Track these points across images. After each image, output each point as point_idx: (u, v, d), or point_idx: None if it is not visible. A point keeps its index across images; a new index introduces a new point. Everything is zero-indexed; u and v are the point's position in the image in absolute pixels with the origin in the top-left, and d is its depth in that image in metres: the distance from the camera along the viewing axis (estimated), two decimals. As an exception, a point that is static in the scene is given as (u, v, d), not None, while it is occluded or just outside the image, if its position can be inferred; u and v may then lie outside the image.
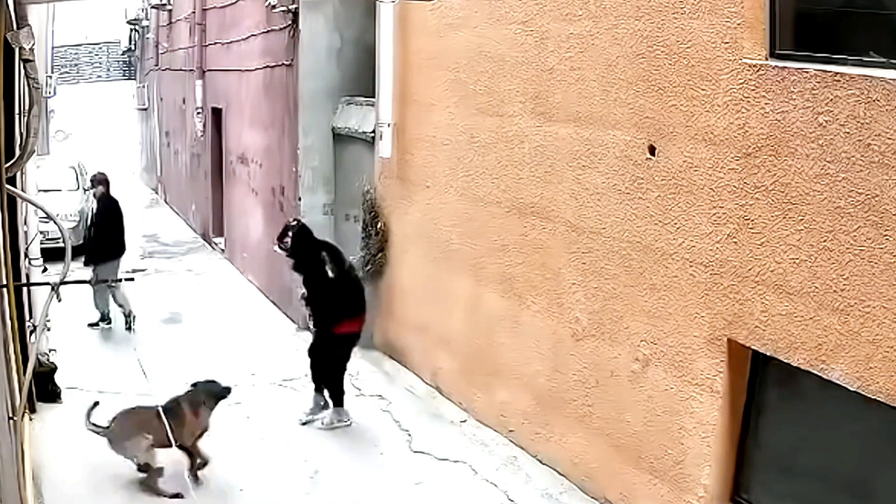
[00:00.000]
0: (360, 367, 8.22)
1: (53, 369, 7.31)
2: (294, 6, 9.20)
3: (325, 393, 7.03)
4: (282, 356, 8.69)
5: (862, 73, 3.70)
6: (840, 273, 3.84)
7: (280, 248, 6.94)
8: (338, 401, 6.97)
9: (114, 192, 9.88)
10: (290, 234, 6.89)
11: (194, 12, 14.10)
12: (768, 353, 4.29)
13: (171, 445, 5.75)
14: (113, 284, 8.91)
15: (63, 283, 4.44)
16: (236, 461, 6.29)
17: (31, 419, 6.53)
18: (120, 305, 9.55)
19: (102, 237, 9.39)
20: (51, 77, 15.47)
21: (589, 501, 5.59)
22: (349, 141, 8.95)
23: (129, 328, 9.56)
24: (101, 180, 9.70)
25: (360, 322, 7.04)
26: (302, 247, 6.87)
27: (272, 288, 10.78)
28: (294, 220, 7.37)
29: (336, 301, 6.82)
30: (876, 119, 3.63)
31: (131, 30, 23.07)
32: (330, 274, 6.76)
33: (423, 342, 7.71)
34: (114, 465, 6.12)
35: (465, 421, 6.94)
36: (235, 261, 12.72)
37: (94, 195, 9.85)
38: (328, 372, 6.96)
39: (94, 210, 9.88)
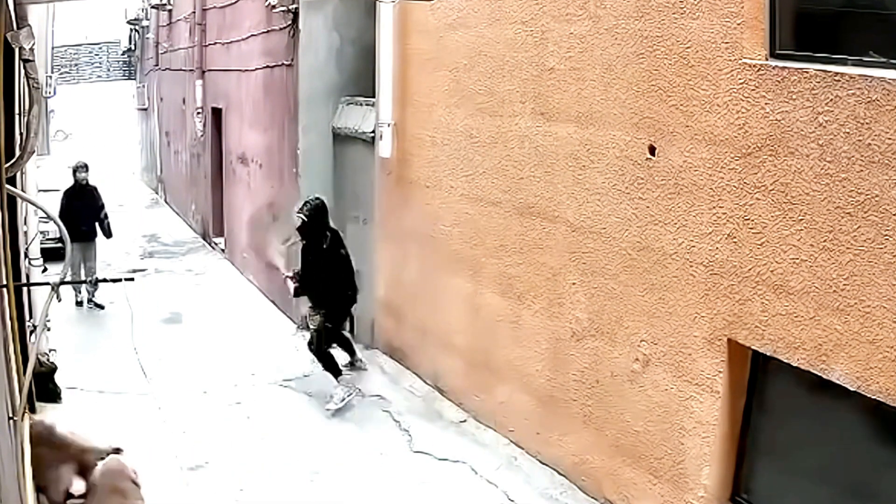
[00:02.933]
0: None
1: (53, 369, 7.31)
2: (294, 6, 9.20)
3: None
4: (282, 356, 8.69)
5: (862, 73, 3.70)
6: (840, 273, 3.84)
7: (300, 213, 7.43)
8: (336, 373, 7.46)
9: (94, 181, 10.85)
10: (307, 202, 7.50)
11: (194, 12, 14.09)
12: (768, 353, 4.29)
13: None
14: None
15: (63, 282, 4.44)
16: (236, 461, 6.30)
17: (31, 419, 6.53)
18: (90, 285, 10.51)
19: (75, 218, 9.87)
20: (51, 77, 15.50)
21: (589, 501, 5.60)
22: (349, 141, 8.95)
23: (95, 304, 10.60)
24: (82, 167, 10.63)
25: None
26: (318, 222, 7.43)
27: (272, 288, 10.77)
28: (315, 197, 7.77)
29: (343, 279, 7.54)
30: (876, 119, 3.63)
31: (131, 30, 23.06)
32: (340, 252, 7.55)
33: (423, 342, 7.72)
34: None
35: (465, 421, 6.94)
36: (235, 261, 12.72)
37: (77, 180, 10.58)
38: (317, 349, 7.52)
39: (72, 193, 10.53)
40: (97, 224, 10.60)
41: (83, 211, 10.35)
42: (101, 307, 10.53)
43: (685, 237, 4.74)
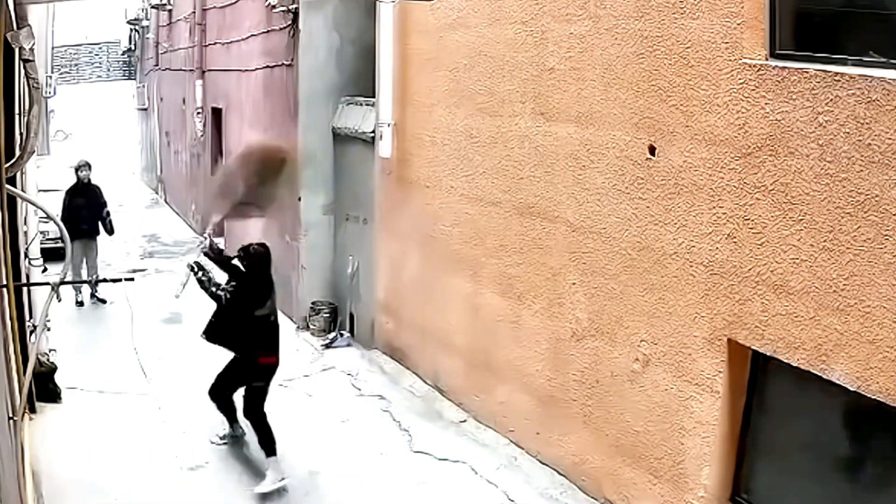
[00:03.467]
0: (360, 367, 8.24)
1: (53, 369, 7.32)
2: (294, 6, 9.20)
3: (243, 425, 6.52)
4: (282, 356, 8.67)
5: (862, 73, 3.70)
6: (840, 273, 3.84)
7: (241, 260, 6.26)
8: (271, 449, 6.04)
9: (97, 181, 10.97)
10: (254, 253, 6.25)
11: (194, 12, 14.10)
12: (768, 353, 4.29)
13: None
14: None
15: (63, 282, 4.44)
16: (236, 461, 6.29)
17: (31, 419, 6.54)
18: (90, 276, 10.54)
19: (78, 216, 10.16)
20: (51, 77, 15.51)
21: (589, 501, 5.60)
22: (349, 141, 8.95)
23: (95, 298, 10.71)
24: (84, 165, 10.76)
25: (277, 357, 6.40)
26: (260, 271, 6.25)
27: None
28: (259, 243, 6.40)
29: (270, 329, 6.31)
30: (876, 119, 3.63)
31: (131, 30, 23.07)
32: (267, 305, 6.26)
33: (423, 342, 7.72)
34: (113, 466, 6.14)
35: (465, 421, 6.94)
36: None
37: (79, 179, 10.72)
38: (252, 412, 6.24)
39: (75, 191, 10.68)
40: (99, 222, 10.67)
41: (85, 209, 10.47)
42: (104, 301, 10.62)
43: (685, 237, 4.74)
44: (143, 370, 8.22)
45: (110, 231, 10.89)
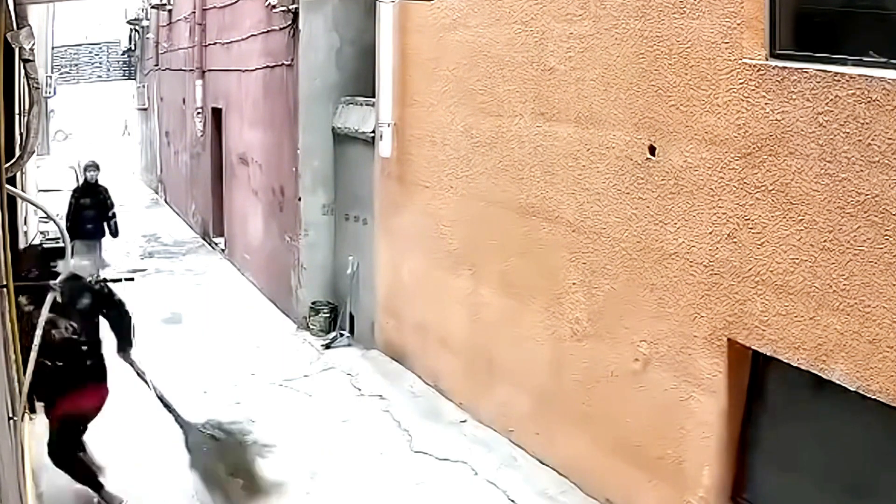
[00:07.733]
0: (360, 367, 8.24)
1: (54, 369, 7.30)
2: (294, 6, 9.21)
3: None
4: (282, 356, 8.69)
5: (862, 73, 3.70)
6: (840, 273, 3.84)
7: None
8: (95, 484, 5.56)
9: (105, 183, 11.14)
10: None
11: (194, 12, 14.10)
12: (768, 353, 4.29)
13: None
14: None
15: (63, 282, 4.44)
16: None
17: (31, 419, 6.53)
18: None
19: (83, 216, 10.42)
20: (51, 77, 15.55)
21: (589, 501, 5.59)
22: (349, 141, 8.95)
23: None
24: (92, 166, 10.93)
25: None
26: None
27: (272, 288, 10.78)
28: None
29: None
30: (876, 119, 3.63)
31: (131, 30, 23.08)
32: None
33: (423, 342, 7.71)
34: (113, 465, 6.13)
35: (465, 421, 6.94)
36: (235, 261, 12.72)
37: (86, 179, 10.91)
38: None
39: (81, 191, 10.88)
40: (105, 224, 10.67)
41: (91, 210, 10.56)
42: None
43: (685, 237, 4.74)
44: (144, 370, 8.21)
45: (115, 233, 10.91)
